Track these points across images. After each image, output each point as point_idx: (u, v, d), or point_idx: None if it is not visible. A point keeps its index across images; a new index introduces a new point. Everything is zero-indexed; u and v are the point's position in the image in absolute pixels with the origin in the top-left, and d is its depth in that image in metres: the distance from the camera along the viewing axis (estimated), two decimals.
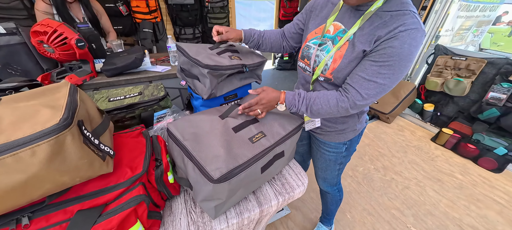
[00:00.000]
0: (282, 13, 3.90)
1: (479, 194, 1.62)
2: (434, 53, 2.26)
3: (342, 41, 0.63)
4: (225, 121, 0.73)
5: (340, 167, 0.96)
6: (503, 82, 1.78)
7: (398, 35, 0.54)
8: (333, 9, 0.70)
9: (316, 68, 0.72)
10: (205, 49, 0.84)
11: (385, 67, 0.57)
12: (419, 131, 2.35)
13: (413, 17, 0.54)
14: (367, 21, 0.60)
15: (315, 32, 0.74)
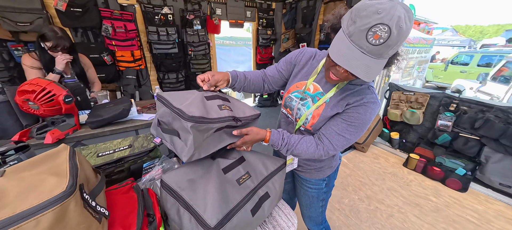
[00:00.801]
0: (259, 58, 4.31)
1: (454, 214, 1.75)
2: (389, 89, 2.65)
3: (320, 102, 0.77)
4: (217, 161, 0.77)
5: (322, 203, 1.02)
6: (446, 112, 2.13)
7: (363, 105, 0.70)
8: (314, 69, 0.81)
9: (298, 119, 0.84)
10: (191, 94, 0.73)
11: (352, 126, 0.72)
12: (392, 158, 2.56)
13: (372, 92, 0.72)
14: (341, 91, 0.74)
15: (297, 86, 0.85)
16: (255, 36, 4.14)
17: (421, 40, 4.96)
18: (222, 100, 0.78)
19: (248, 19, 3.79)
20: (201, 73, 0.84)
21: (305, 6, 3.52)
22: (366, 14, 0.51)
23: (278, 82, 0.94)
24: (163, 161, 0.94)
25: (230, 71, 0.87)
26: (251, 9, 3.73)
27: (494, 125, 1.82)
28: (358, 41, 0.53)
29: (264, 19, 3.95)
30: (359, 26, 0.52)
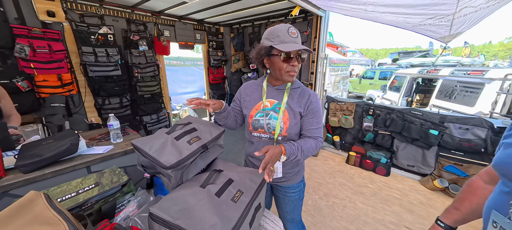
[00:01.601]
0: (212, 78, 4.35)
1: (385, 195, 2.22)
2: (327, 101, 3.21)
3: (282, 108, 0.95)
4: (207, 189, 0.78)
5: (301, 203, 1.17)
6: (368, 116, 2.77)
7: (312, 100, 0.97)
8: (261, 91, 1.01)
9: (273, 131, 0.96)
10: (161, 138, 0.82)
11: (317, 117, 0.98)
12: (337, 157, 3.04)
13: (308, 89, 1.01)
14: (289, 95, 0.97)
15: (256, 109, 1.00)
16: (206, 57, 4.19)
17: (341, 61, 6.25)
18: (190, 134, 0.88)
19: (198, 41, 3.83)
20: (149, 96, 0.96)
21: (251, 32, 3.88)
22: (279, 28, 0.86)
23: (238, 116, 1.13)
24: (138, 195, 0.85)
25: (223, 102, 1.04)
26: (200, 32, 3.81)
27: (397, 122, 2.50)
28: (290, 39, 0.86)
29: (214, 42, 4.09)
30: (282, 33, 0.85)
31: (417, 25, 2.24)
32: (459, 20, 1.95)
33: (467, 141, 2.15)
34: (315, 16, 2.83)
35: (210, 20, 3.78)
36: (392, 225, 1.81)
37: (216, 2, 2.64)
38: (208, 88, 4.49)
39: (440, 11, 1.81)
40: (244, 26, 3.95)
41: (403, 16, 2.04)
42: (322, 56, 2.90)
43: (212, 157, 0.95)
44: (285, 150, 0.89)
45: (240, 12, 3.09)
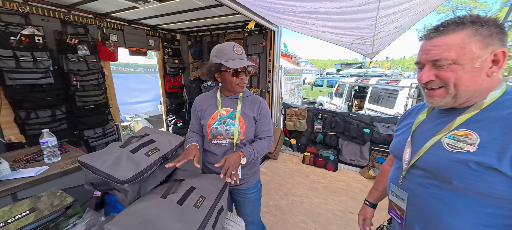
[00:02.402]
0: (168, 86, 4.13)
1: (334, 187, 2.55)
2: (283, 107, 3.49)
3: (237, 115, 1.07)
4: (168, 198, 0.78)
5: (259, 203, 1.27)
6: (317, 119, 3.15)
7: (263, 106, 1.12)
8: (215, 102, 1.11)
9: (232, 137, 1.06)
10: (115, 152, 0.78)
11: (268, 120, 1.14)
12: (294, 159, 3.31)
13: (257, 97, 1.15)
14: (242, 102, 1.09)
15: (213, 118, 1.08)
16: (162, 64, 3.97)
17: (295, 70, 6.86)
18: (147, 146, 0.87)
19: (152, 47, 3.61)
20: (93, 107, 0.96)
21: (209, 41, 3.90)
22: (225, 46, 0.99)
23: (201, 128, 1.18)
24: (85, 217, 0.78)
25: (192, 140, 1.10)
26: (154, 38, 3.61)
27: (340, 124, 2.93)
28: (236, 56, 0.98)
29: (170, 49, 3.92)
30: (229, 52, 0.97)
31: (350, 43, 2.72)
32: (378, 41, 2.48)
33: (389, 136, 2.70)
34: (270, 30, 3.09)
35: (165, 27, 3.63)
36: (340, 213, 2.09)
37: (170, 10, 2.59)
38: (164, 97, 4.23)
39: (364, 33, 2.27)
40: (202, 35, 3.93)
41: (338, 36, 2.46)
42: (277, 66, 3.16)
43: (171, 167, 0.95)
44: (243, 153, 1.00)
45: (197, 21, 3.09)
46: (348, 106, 5.70)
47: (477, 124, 0.54)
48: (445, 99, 0.58)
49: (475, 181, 0.50)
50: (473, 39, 0.52)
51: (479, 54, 0.52)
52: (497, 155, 0.48)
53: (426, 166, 0.60)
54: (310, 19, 2.06)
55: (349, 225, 1.93)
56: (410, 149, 0.66)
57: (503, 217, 0.51)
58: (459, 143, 0.54)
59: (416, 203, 0.64)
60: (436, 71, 0.56)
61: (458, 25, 0.53)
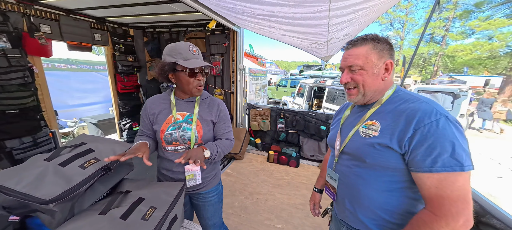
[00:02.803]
0: (121, 86, 3.71)
1: (297, 183, 2.70)
2: (248, 108, 3.53)
3: (194, 119, 1.02)
4: (109, 214, 0.70)
5: (221, 205, 1.25)
6: (280, 119, 3.29)
7: (221, 108, 1.10)
8: (169, 106, 1.03)
9: (189, 142, 1.01)
10: (37, 167, 0.65)
11: (227, 121, 1.13)
12: (260, 158, 3.38)
13: (215, 98, 1.12)
14: (200, 106, 1.06)
15: (166, 123, 1.00)
16: (111, 62, 3.54)
17: (259, 71, 7.01)
18: (83, 157, 0.76)
19: (98, 42, 3.18)
20: (18, 111, 0.86)
21: (168, 38, 3.65)
22: (180, 45, 0.94)
23: (153, 134, 1.09)
24: None
25: (141, 138, 1.02)
26: (101, 32, 3.18)
27: (300, 122, 3.13)
28: (192, 56, 0.94)
29: (122, 45, 3.53)
30: (184, 51, 0.92)
31: (307, 47, 2.92)
32: (331, 46, 2.73)
33: None
34: (232, 30, 3.08)
35: (115, 20, 3.25)
36: (301, 206, 2.23)
37: (119, 2, 2.32)
38: (116, 98, 3.78)
39: (319, 38, 2.47)
40: (160, 31, 3.66)
41: (297, 39, 2.61)
42: (241, 67, 3.17)
43: (117, 178, 0.86)
44: (205, 147, 0.98)
45: (153, 16, 2.86)
46: (309, 106, 6.13)
47: (379, 115, 0.72)
48: (358, 96, 0.75)
49: (379, 158, 0.67)
50: (373, 51, 0.70)
51: (376, 63, 0.70)
52: (390, 137, 0.64)
53: (350, 150, 0.76)
54: (270, 22, 2.13)
55: (309, 216, 2.07)
56: (340, 139, 0.83)
57: (397, 182, 0.67)
58: (369, 130, 0.71)
59: (344, 181, 0.80)
60: (351, 74, 0.73)
61: (364, 41, 0.71)
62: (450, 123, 0.58)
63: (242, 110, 3.57)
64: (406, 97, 0.69)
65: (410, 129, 0.60)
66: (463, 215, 0.55)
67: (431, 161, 0.57)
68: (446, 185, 0.56)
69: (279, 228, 1.92)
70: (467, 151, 0.57)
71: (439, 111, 0.60)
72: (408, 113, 0.63)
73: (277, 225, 1.95)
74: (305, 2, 1.54)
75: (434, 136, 0.57)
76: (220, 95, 3.55)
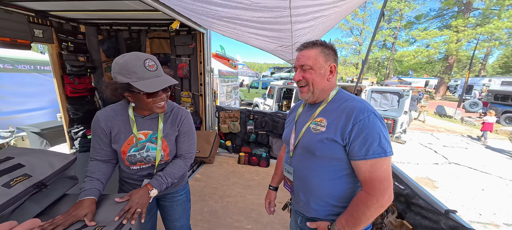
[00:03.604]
0: (70, 90, 3.28)
1: (267, 182, 2.76)
2: (217, 110, 3.49)
3: (159, 136, 0.94)
4: None
5: (189, 205, 1.22)
6: (250, 120, 3.34)
7: (183, 121, 1.01)
8: (128, 123, 0.90)
9: (154, 161, 0.95)
10: None
11: (189, 136, 1.04)
12: (231, 160, 3.36)
13: (180, 108, 1.05)
14: (163, 121, 0.97)
15: (128, 144, 0.90)
16: (57, 62, 3.11)
17: (230, 73, 6.98)
18: (9, 173, 0.66)
19: (39, 39, 2.76)
20: None
21: (128, 37, 3.37)
22: (133, 63, 0.77)
23: (112, 154, 0.94)
24: None
25: (89, 191, 0.79)
26: (43, 27, 2.77)
27: (269, 123, 3.22)
28: (150, 74, 0.79)
29: (70, 43, 3.13)
30: (139, 69, 0.77)
31: (274, 50, 3.03)
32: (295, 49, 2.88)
33: None
34: (198, 31, 3.00)
35: (61, 15, 2.87)
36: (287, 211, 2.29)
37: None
38: (65, 103, 3.33)
39: (284, 42, 2.58)
40: (118, 29, 3.35)
41: (263, 42, 2.69)
42: (208, 69, 3.12)
43: (56, 195, 0.76)
44: (151, 185, 0.89)
45: (108, 13, 2.61)
46: (278, 107, 6.34)
47: (325, 113, 0.82)
48: (308, 94, 0.83)
49: (326, 150, 0.76)
50: (320, 54, 0.79)
51: (323, 65, 0.80)
52: (334, 131, 0.74)
53: (303, 145, 0.84)
54: (235, 25, 2.14)
55: (278, 213, 2.14)
56: (294, 134, 0.91)
57: (340, 171, 0.78)
58: (318, 126, 0.80)
59: (298, 174, 0.87)
60: (303, 73, 0.81)
61: (314, 45, 0.81)
62: (377, 118, 0.72)
63: (211, 113, 3.50)
64: (346, 97, 0.81)
65: (350, 124, 0.71)
66: (388, 192, 0.68)
67: (365, 150, 0.69)
68: (376, 168, 0.69)
69: (249, 228, 1.94)
70: (389, 141, 0.71)
71: (369, 109, 0.73)
72: (348, 111, 0.74)
73: (247, 225, 1.97)
74: (267, 7, 1.60)
75: (367, 129, 0.69)
76: (188, 98, 3.43)
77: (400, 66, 25.09)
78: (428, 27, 20.27)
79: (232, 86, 7.09)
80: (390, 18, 23.18)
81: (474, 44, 16.42)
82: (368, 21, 25.72)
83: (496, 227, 2.78)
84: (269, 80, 11.23)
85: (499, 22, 14.77)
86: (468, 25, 16.78)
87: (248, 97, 11.77)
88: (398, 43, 22.82)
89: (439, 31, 18.17)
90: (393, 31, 23.60)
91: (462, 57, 18.10)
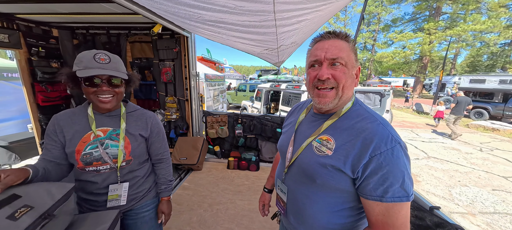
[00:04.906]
0: (42, 98, 3.03)
1: (257, 187, 2.73)
2: (204, 115, 3.41)
3: (122, 135, 0.91)
4: None
5: (159, 224, 1.09)
6: (238, 124, 3.30)
7: (153, 122, 1.02)
8: (85, 121, 0.88)
9: (115, 160, 0.89)
10: None
11: (162, 136, 1.07)
12: (219, 166, 3.29)
13: (146, 111, 1.04)
14: (126, 120, 0.95)
15: (84, 142, 0.86)
16: (27, 69, 2.87)
17: (217, 77, 6.89)
18: (8, 205, 0.59)
19: (4, 44, 2.53)
20: None
21: (106, 41, 3.20)
22: (85, 54, 0.81)
23: (63, 156, 0.89)
24: None
25: (31, 167, 0.76)
26: (8, 31, 2.55)
27: (257, 126, 3.20)
28: (97, 65, 0.80)
29: (41, 48, 2.90)
30: (87, 59, 0.80)
31: (260, 53, 3.03)
32: (281, 52, 2.90)
33: None
34: (182, 35, 2.92)
35: (30, 18, 2.65)
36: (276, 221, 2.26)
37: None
38: (36, 113, 3.07)
39: (269, 45, 2.59)
40: (95, 33, 3.17)
41: (249, 46, 2.68)
42: (194, 73, 3.04)
43: (66, 221, 0.70)
44: (166, 196, 1.07)
45: (83, 16, 2.46)
46: (266, 109, 6.35)
47: (334, 130, 0.65)
48: (334, 101, 0.63)
49: (330, 179, 0.62)
50: (352, 51, 0.63)
51: (354, 64, 0.63)
52: (344, 159, 0.59)
53: (301, 165, 0.70)
54: (220, 28, 2.11)
55: (268, 219, 2.11)
56: (292, 147, 0.75)
57: (342, 203, 0.65)
58: (323, 146, 0.64)
59: (291, 197, 0.74)
60: (333, 70, 0.61)
61: (346, 36, 0.63)
62: (402, 151, 0.57)
63: (198, 118, 3.41)
64: (364, 115, 0.64)
65: (367, 155, 0.56)
66: None
67: (382, 191, 0.55)
68: (393, 213, 0.55)
69: None
70: (412, 180, 0.57)
71: (394, 138, 0.57)
72: (365, 136, 0.58)
73: None
74: (251, 11, 1.59)
75: (389, 166, 0.55)
76: (173, 103, 3.31)
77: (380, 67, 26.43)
78: (404, 30, 21.62)
79: (219, 90, 7.00)
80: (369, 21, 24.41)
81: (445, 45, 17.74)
82: (349, 24, 26.89)
83: (473, 216, 2.97)
84: (256, 83, 11.26)
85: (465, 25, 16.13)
86: (439, 28, 18.15)
87: (236, 101, 11.69)
88: (377, 45, 24.09)
89: (414, 34, 19.46)
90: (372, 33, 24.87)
91: (435, 57, 19.49)
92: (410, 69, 24.94)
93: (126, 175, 0.94)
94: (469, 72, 24.07)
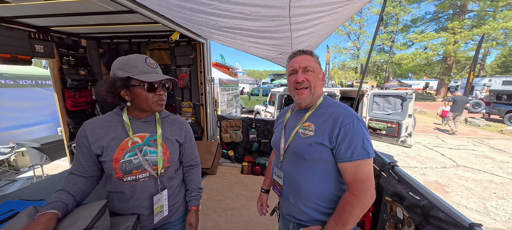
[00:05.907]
0: (71, 104, 3.26)
1: (271, 192, 2.67)
2: (218, 119, 3.45)
3: (159, 141, 0.89)
4: None
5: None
6: (252, 129, 3.29)
7: (187, 128, 1.03)
8: (121, 129, 0.84)
9: (154, 167, 0.87)
10: None
11: (193, 141, 1.08)
12: (233, 170, 3.29)
13: (177, 116, 1.05)
14: (161, 125, 0.94)
15: (121, 149, 0.82)
16: (58, 76, 3.11)
17: (231, 81, 6.99)
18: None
19: (40, 54, 2.77)
20: None
21: (128, 49, 3.39)
22: (134, 58, 0.82)
23: (94, 167, 0.86)
24: None
25: (51, 204, 0.70)
26: (43, 42, 2.79)
27: (271, 131, 3.16)
28: (151, 69, 0.84)
29: (71, 57, 3.14)
30: (140, 64, 0.81)
31: (274, 58, 3.02)
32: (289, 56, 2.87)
33: None
34: (198, 42, 3.01)
35: (62, 30, 2.89)
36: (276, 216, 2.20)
37: (65, 10, 2.08)
38: (65, 117, 3.31)
39: (283, 50, 2.57)
40: (118, 42, 3.38)
41: (263, 50, 2.68)
42: (209, 78, 3.10)
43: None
44: (195, 205, 1.04)
45: (109, 26, 2.63)
46: None
47: (313, 118, 0.86)
48: (309, 97, 0.86)
49: (315, 153, 0.80)
50: (317, 62, 0.89)
51: (319, 71, 0.89)
52: (322, 135, 0.79)
53: (292, 149, 0.87)
54: (235, 34, 2.14)
55: None
56: (284, 139, 0.93)
57: (328, 173, 0.82)
58: (307, 131, 0.84)
59: (288, 178, 0.90)
60: (305, 75, 0.85)
61: (311, 53, 0.90)
62: (360, 122, 0.77)
63: (212, 122, 3.46)
64: (331, 104, 0.87)
65: (337, 128, 0.77)
66: (369, 191, 0.73)
67: (350, 152, 0.74)
68: (361, 169, 0.74)
69: None
70: (371, 143, 0.77)
71: (353, 114, 0.79)
72: (334, 116, 0.80)
73: None
74: (267, 17, 1.59)
75: (352, 133, 0.75)
76: (189, 108, 3.40)
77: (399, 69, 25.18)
78: (425, 30, 20.48)
79: (233, 95, 7.08)
80: (387, 22, 23.50)
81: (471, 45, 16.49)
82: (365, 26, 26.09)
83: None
84: (269, 87, 11.25)
85: (495, 23, 14.92)
86: (464, 26, 16.96)
87: (249, 105, 11.75)
88: (396, 46, 23.02)
89: (436, 34, 18.35)
90: (390, 35, 23.86)
91: (461, 58, 18.17)
92: (433, 71, 23.48)
93: (165, 182, 0.93)
94: (501, 73, 22.11)
